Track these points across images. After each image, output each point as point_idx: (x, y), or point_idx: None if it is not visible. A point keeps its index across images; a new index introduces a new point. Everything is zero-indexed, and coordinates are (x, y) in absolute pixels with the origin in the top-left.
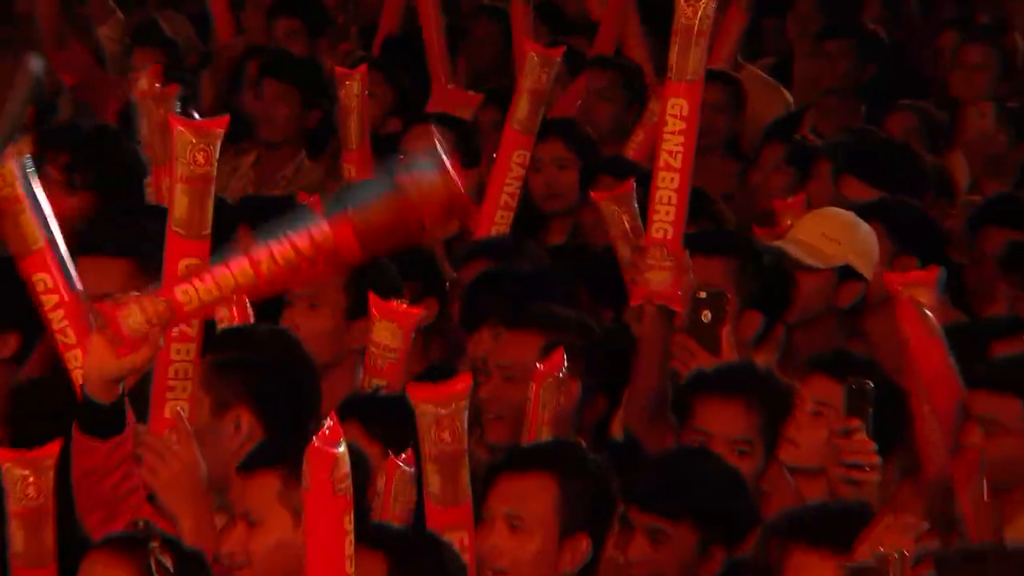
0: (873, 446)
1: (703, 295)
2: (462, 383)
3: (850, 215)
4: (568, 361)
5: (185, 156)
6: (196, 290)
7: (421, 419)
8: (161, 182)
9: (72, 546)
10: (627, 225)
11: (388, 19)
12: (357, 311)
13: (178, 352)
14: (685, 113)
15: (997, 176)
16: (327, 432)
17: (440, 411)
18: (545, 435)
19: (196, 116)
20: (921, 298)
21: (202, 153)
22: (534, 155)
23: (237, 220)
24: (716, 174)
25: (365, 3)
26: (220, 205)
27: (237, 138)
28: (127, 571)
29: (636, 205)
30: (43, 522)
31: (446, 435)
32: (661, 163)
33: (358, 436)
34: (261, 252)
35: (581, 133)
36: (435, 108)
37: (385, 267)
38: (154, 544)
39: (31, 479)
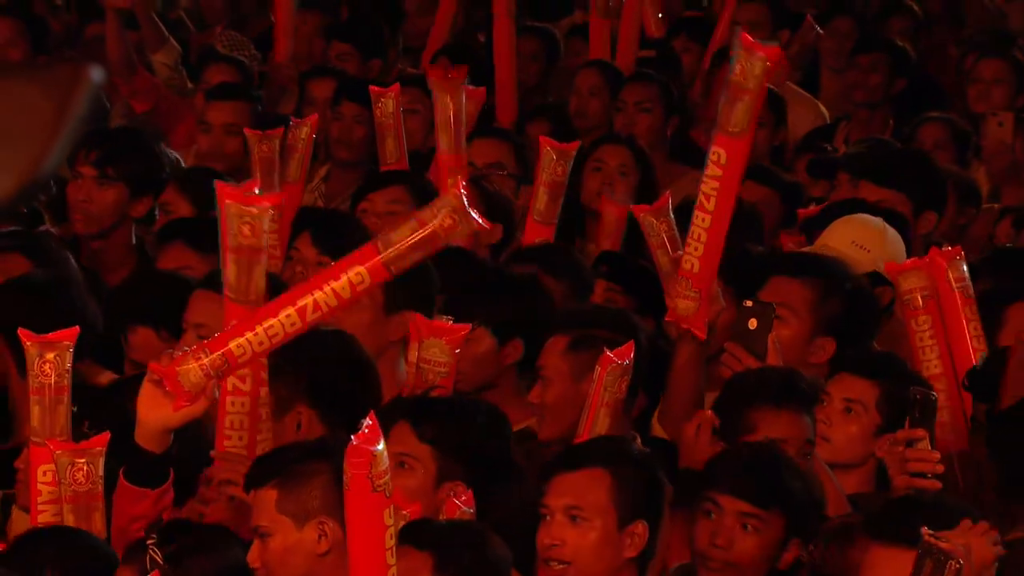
0: (937, 456)
1: (750, 304)
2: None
3: (878, 222)
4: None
5: (233, 228)
6: (248, 342)
7: None
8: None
9: None
10: (665, 237)
11: (437, 36)
12: (394, 305)
13: (232, 404)
14: (723, 162)
15: (1018, 184)
16: (366, 431)
17: None
18: (603, 417)
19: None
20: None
21: (248, 226)
22: (599, 156)
23: (298, 229)
24: None
25: (415, 24)
26: None
27: None
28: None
29: (673, 217)
30: (92, 507)
31: None
32: (698, 202)
33: (408, 438)
34: (304, 298)
35: (641, 149)
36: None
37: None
38: (149, 542)
39: (81, 466)
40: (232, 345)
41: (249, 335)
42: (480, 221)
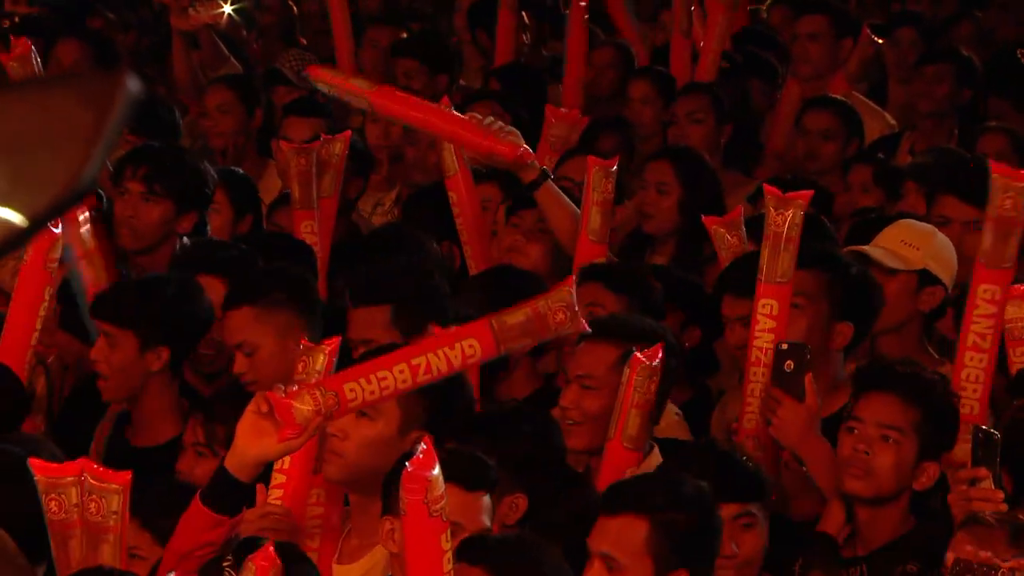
0: (1001, 496)
1: (785, 347)
2: None
3: (927, 225)
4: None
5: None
6: (361, 388)
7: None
8: (301, 224)
9: None
10: (736, 250)
11: (503, 51)
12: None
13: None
14: (775, 313)
15: None
16: (421, 456)
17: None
18: (635, 418)
19: None
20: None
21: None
22: (644, 173)
23: (373, 250)
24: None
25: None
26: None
27: (361, 171)
28: None
29: (744, 230)
30: (101, 539)
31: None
32: (752, 358)
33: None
34: (419, 357)
35: (694, 162)
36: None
37: (437, 291)
38: (225, 563)
39: (94, 497)
40: (346, 387)
41: (363, 381)
42: (584, 324)
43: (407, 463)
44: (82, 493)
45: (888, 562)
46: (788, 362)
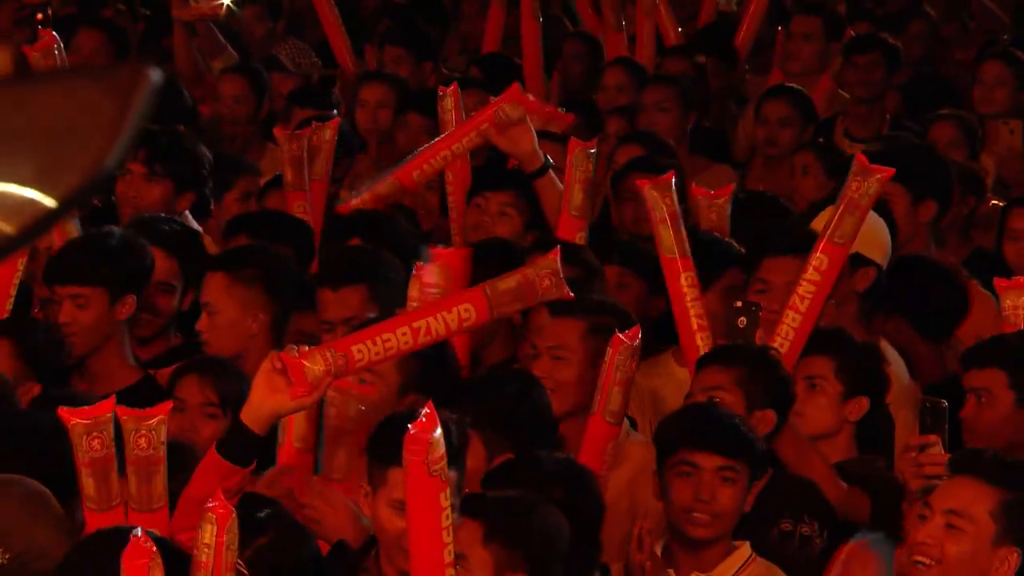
0: (948, 460)
1: (739, 304)
2: None
3: None
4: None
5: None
6: (368, 348)
7: None
8: (293, 204)
9: None
10: (667, 212)
11: (490, 41)
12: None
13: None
14: (824, 268)
15: None
16: (423, 419)
17: None
18: (616, 395)
19: None
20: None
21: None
22: (615, 156)
23: (352, 232)
24: (785, 178)
25: (474, 26)
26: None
27: (351, 152)
28: None
29: (675, 192)
30: (153, 471)
31: None
32: (791, 302)
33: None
34: (419, 320)
35: (659, 144)
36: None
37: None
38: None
39: (143, 433)
40: (354, 349)
41: (368, 343)
42: (568, 291)
43: (410, 426)
44: (124, 435)
45: (757, 520)
46: (741, 319)
